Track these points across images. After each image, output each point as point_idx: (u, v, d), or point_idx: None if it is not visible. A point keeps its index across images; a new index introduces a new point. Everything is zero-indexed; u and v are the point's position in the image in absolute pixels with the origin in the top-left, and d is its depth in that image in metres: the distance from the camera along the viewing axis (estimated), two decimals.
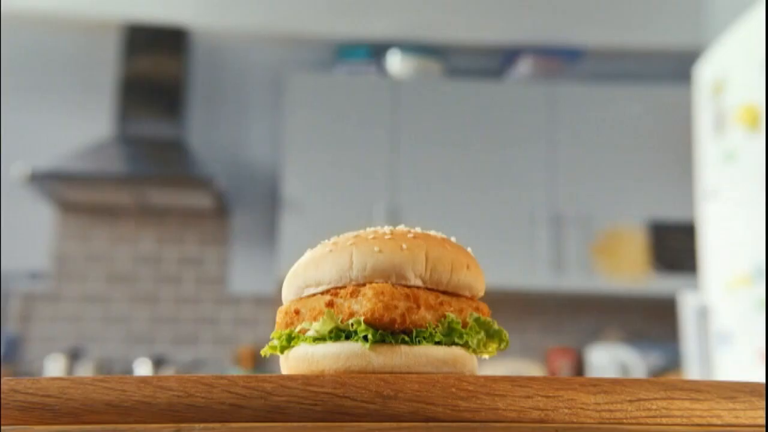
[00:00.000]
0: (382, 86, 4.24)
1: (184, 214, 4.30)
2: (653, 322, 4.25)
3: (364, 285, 0.67)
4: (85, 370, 3.86)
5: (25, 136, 4.18)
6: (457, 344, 0.68)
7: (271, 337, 0.70)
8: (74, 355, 3.90)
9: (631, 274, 4.04)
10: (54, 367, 3.81)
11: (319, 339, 0.67)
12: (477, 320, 0.69)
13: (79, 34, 4.35)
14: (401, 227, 0.71)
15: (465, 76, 4.43)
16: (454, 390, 0.57)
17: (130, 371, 3.93)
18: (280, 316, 0.71)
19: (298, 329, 0.69)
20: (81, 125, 4.20)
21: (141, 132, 4.07)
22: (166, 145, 4.06)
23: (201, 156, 4.18)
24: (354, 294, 0.67)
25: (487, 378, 0.58)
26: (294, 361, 0.68)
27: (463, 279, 0.69)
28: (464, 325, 0.69)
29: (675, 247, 4.00)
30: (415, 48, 4.32)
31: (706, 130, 3.00)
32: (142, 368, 3.88)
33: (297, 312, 0.70)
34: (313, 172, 4.06)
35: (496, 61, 4.48)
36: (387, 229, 0.69)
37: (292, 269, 0.72)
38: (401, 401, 0.56)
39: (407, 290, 0.67)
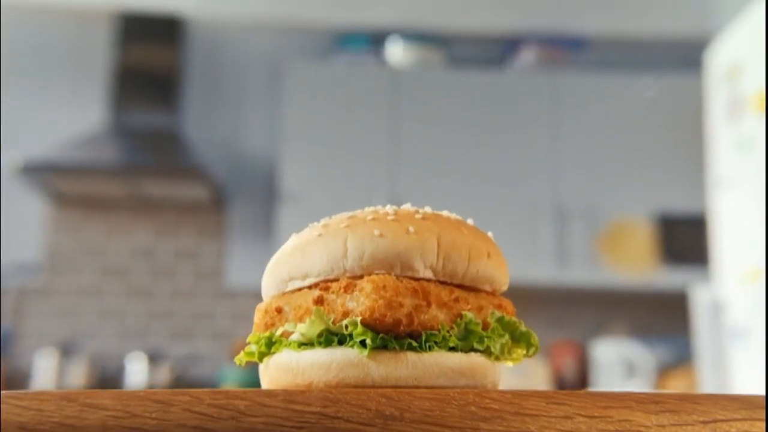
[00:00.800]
0: (383, 76, 4.15)
1: (180, 206, 4.22)
2: (660, 316, 4.18)
3: (361, 277, 0.55)
4: (77, 366, 3.77)
5: (17, 127, 4.12)
6: (476, 350, 0.55)
7: (247, 340, 0.58)
8: (67, 350, 3.82)
9: (636, 267, 3.96)
10: (46, 362, 3.72)
11: (306, 344, 0.55)
12: (500, 320, 0.57)
13: (72, 23, 4.27)
14: (407, 206, 0.59)
15: (467, 66, 4.34)
16: (473, 409, 0.45)
17: (123, 366, 3.85)
18: (258, 316, 0.58)
19: (280, 332, 0.56)
20: (75, 116, 4.12)
21: (136, 123, 4.00)
22: (161, 136, 3.99)
23: (197, 147, 4.10)
24: (349, 288, 0.54)
25: (515, 393, 0.46)
26: (275, 372, 0.56)
27: (482, 270, 0.57)
28: (485, 326, 0.56)
29: (683, 239, 3.93)
30: (416, 37, 4.23)
31: (719, 118, 2.89)
32: (137, 363, 3.79)
33: (279, 310, 0.57)
34: (312, 163, 3.98)
35: (499, 51, 4.40)
36: (390, 208, 0.57)
37: (274, 257, 0.60)
38: (407, 423, 0.45)
39: (415, 284, 0.54)
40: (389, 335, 0.53)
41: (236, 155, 4.29)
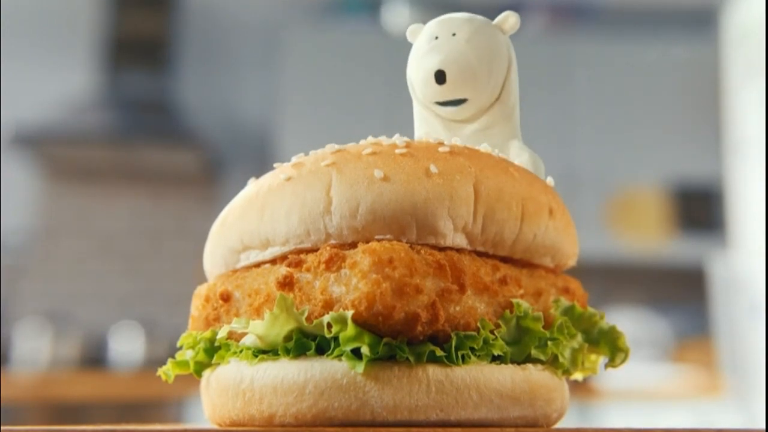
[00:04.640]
0: (382, 41, 3.99)
1: (174, 174, 4.12)
2: (673, 287, 4.07)
3: (354, 245, 0.34)
4: (69, 336, 3.66)
5: (7, 95, 4.02)
6: (535, 360, 0.34)
7: (179, 343, 0.37)
8: (58, 321, 3.72)
9: (648, 236, 3.84)
10: (38, 334, 3.60)
11: (266, 352, 0.33)
12: (570, 312, 0.36)
13: None
14: (425, 135, 0.38)
15: None
16: None
17: (115, 337, 3.74)
18: (196, 305, 0.37)
19: (224, 332, 0.35)
20: (67, 83, 3.99)
21: (129, 90, 3.90)
22: (154, 103, 3.89)
23: (191, 115, 3.99)
24: (334, 264, 0.33)
25: None
26: (219, 395, 0.35)
27: (542, 234, 0.36)
28: (547, 322, 0.35)
29: (697, 208, 3.83)
30: (417, 1, 4.07)
31: (738, 80, 2.74)
32: (131, 334, 3.67)
33: (226, 297, 0.36)
34: (310, 133, 3.82)
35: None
36: (400, 139, 0.36)
37: (220, 217, 0.39)
38: None
39: (440, 256, 0.34)
40: (399, 339, 0.33)
41: (232, 123, 4.19)
